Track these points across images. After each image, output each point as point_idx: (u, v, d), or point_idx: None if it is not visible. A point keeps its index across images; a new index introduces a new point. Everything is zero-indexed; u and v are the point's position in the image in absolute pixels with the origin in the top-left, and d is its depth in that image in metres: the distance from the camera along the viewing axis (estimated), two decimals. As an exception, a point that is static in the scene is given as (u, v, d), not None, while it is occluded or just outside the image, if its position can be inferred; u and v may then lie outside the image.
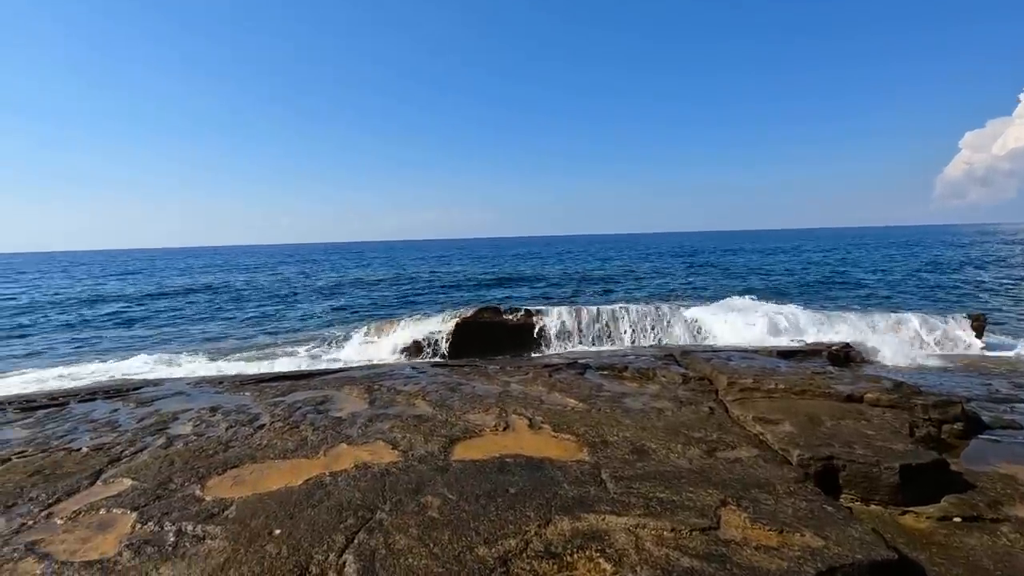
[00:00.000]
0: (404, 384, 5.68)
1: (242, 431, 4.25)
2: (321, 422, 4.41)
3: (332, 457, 3.66)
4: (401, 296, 24.74)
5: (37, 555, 2.52)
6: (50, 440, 4.24)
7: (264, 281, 35.06)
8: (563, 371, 6.21)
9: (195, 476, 3.37)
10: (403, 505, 2.86)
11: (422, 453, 3.64)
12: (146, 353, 12.12)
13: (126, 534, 2.69)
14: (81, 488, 3.27)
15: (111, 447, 4.00)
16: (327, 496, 3.01)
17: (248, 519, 2.77)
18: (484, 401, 4.87)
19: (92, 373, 10.34)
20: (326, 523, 2.69)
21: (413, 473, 3.30)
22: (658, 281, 28.12)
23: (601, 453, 3.56)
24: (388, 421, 4.36)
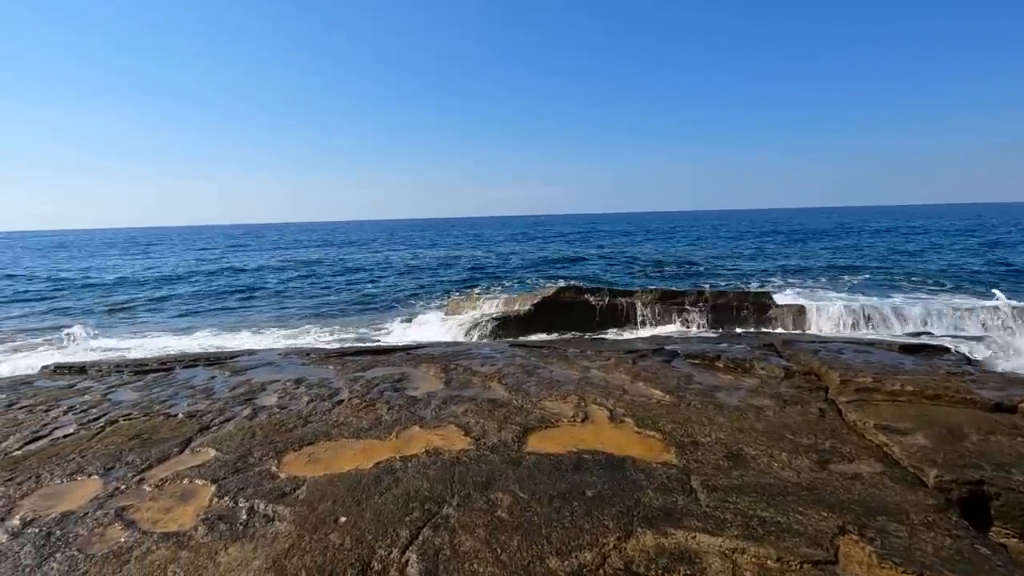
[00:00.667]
0: (481, 365, 5.54)
1: (321, 406, 4.29)
2: (396, 401, 4.37)
3: (404, 440, 3.57)
4: (482, 273, 24.93)
5: (124, 522, 2.61)
6: (153, 404, 4.52)
7: (353, 256, 36.80)
8: (648, 358, 5.80)
9: (273, 451, 3.41)
10: (472, 501, 2.68)
11: (495, 442, 3.46)
12: (245, 324, 13.04)
13: (203, 507, 2.73)
14: (171, 455, 3.41)
15: (203, 415, 4.18)
16: (395, 483, 2.90)
17: (316, 502, 2.71)
18: (562, 387, 4.61)
19: (200, 339, 11.25)
20: (392, 514, 2.57)
21: (484, 464, 3.12)
22: (750, 263, 26.29)
23: (691, 456, 3.19)
24: (462, 404, 4.23)
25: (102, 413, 4.31)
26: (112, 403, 4.62)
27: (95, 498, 2.87)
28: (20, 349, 11.51)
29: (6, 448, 3.62)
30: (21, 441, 3.73)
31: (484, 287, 19.69)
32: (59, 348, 11.25)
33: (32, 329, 13.80)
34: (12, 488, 3.00)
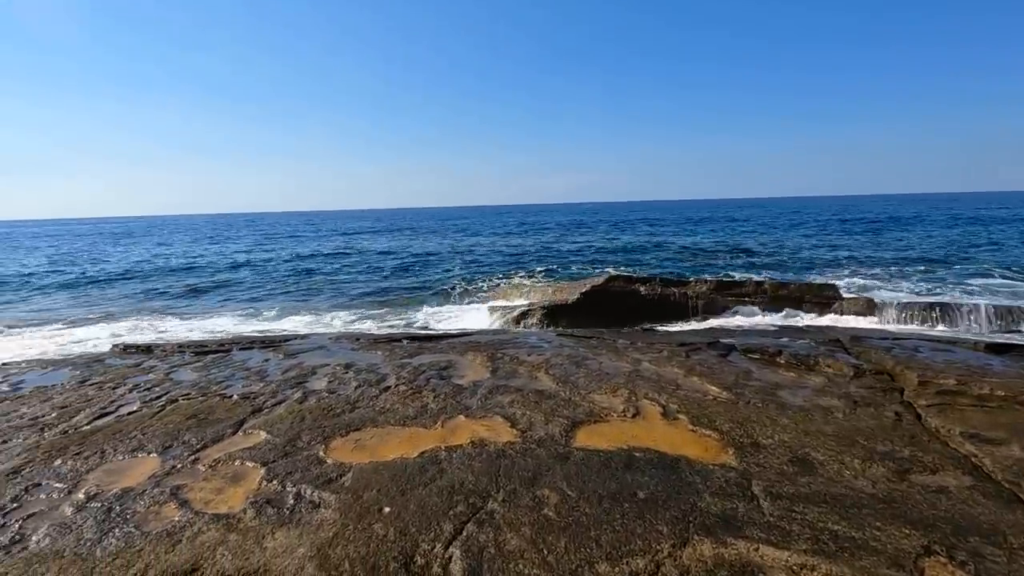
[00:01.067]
0: (528, 354, 5.44)
1: (369, 392, 4.31)
2: (443, 389, 4.33)
3: (449, 429, 3.52)
4: (529, 261, 24.80)
5: (178, 501, 2.67)
6: (210, 385, 4.66)
7: (403, 243, 37.43)
8: (702, 351, 5.54)
9: (321, 436, 3.43)
10: (517, 497, 2.59)
11: (541, 435, 3.35)
12: (299, 308, 13.46)
13: (253, 490, 2.76)
14: (225, 436, 3.49)
15: (256, 397, 4.28)
16: (440, 474, 2.85)
17: (361, 490, 2.69)
18: (612, 380, 4.45)
19: (257, 323, 11.67)
20: (436, 507, 2.51)
21: (531, 458, 3.02)
22: (810, 252, 24.98)
23: (751, 459, 2.98)
24: (509, 394, 4.14)
25: (164, 392, 4.48)
26: (173, 382, 4.81)
27: (153, 476, 2.96)
28: (90, 325, 12.30)
29: (77, 423, 3.81)
30: (90, 417, 3.92)
31: (531, 275, 19.59)
32: (138, 326, 11.95)
33: (107, 311, 14.71)
34: (79, 462, 3.14)
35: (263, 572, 2.11)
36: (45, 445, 3.42)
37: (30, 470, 3.07)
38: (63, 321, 13.08)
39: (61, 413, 4.03)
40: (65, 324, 12.60)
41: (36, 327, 12.29)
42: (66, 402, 4.31)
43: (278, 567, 2.13)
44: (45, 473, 3.03)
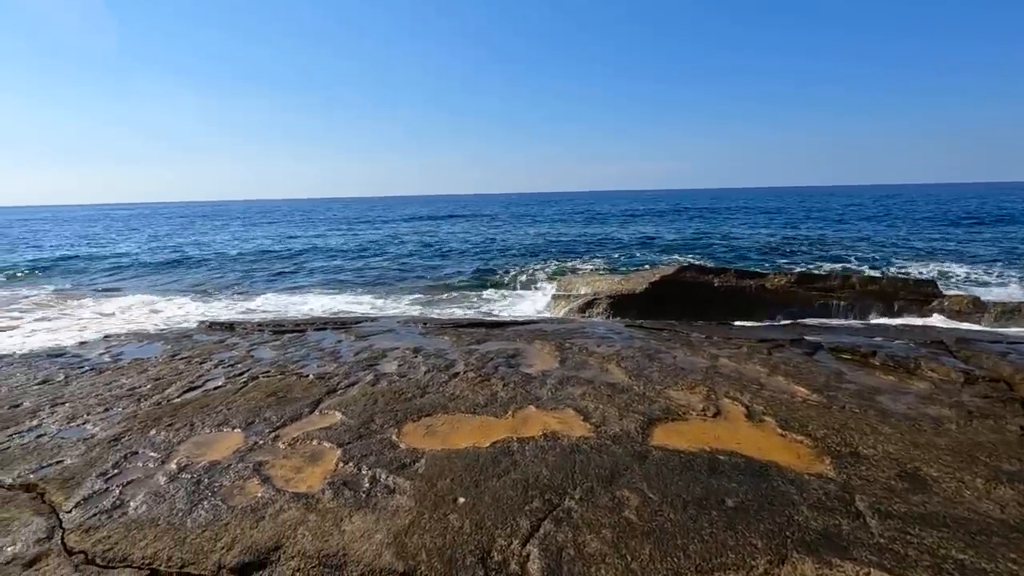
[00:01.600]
0: (597, 345, 5.29)
1: (438, 377, 4.31)
2: (511, 377, 4.26)
3: (520, 420, 3.45)
4: (595, 248, 24.38)
5: (261, 477, 2.74)
6: (288, 364, 4.83)
7: (468, 229, 37.81)
8: (785, 348, 5.19)
9: (393, 419, 3.45)
10: (595, 496, 2.48)
11: (616, 431, 3.22)
12: (369, 291, 13.85)
13: (330, 471, 2.80)
14: (302, 415, 3.58)
15: (330, 377, 4.38)
16: (513, 466, 2.78)
17: (435, 478, 2.66)
18: (688, 376, 4.23)
19: (331, 304, 12.09)
20: (511, 501, 2.44)
21: (606, 455, 2.90)
22: (902, 246, 23.10)
23: (852, 470, 2.72)
24: (580, 386, 4.02)
25: (246, 369, 4.68)
26: (254, 360, 5.02)
27: (237, 451, 3.07)
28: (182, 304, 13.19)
29: (169, 395, 4.03)
30: (180, 390, 4.14)
31: (597, 263, 19.26)
32: (224, 304, 12.72)
33: (197, 289, 15.73)
34: (172, 434, 3.31)
35: (342, 556, 2.11)
36: (141, 415, 3.63)
37: (128, 438, 3.26)
38: (159, 297, 14.09)
39: (155, 385, 4.28)
40: (160, 299, 13.57)
41: (133, 301, 13.33)
42: (159, 374, 4.59)
43: (356, 552, 2.12)
44: (141, 442, 3.21)
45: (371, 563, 2.06)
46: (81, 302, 12.61)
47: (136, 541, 2.23)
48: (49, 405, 3.88)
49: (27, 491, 2.71)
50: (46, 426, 3.50)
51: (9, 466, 2.95)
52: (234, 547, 2.18)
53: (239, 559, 2.11)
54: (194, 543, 2.21)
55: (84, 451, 3.11)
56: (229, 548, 2.17)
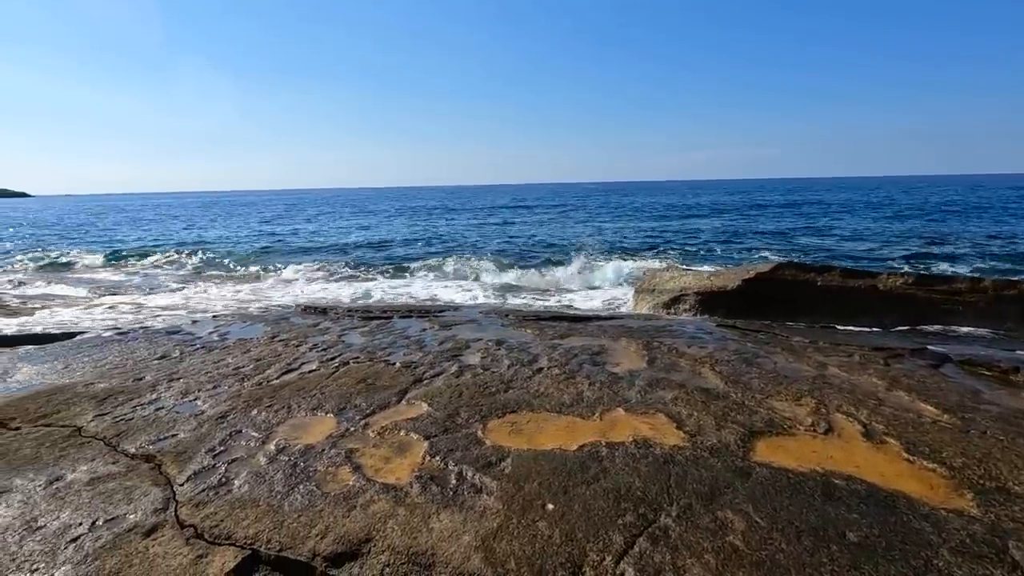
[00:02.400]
0: (687, 345, 5.00)
1: (522, 372, 4.25)
2: (597, 376, 4.11)
3: (608, 422, 3.30)
4: (681, 241, 23.43)
5: (352, 465, 2.79)
6: (376, 351, 4.95)
7: (546, 219, 37.62)
8: (906, 359, 4.64)
9: (478, 414, 3.41)
10: (694, 514, 2.29)
11: (713, 442, 2.99)
12: (446, 280, 14.11)
13: (417, 464, 2.80)
14: (390, 404, 3.63)
15: (416, 366, 4.44)
16: (603, 473, 2.65)
17: (522, 480, 2.59)
18: (792, 385, 3.88)
19: (412, 291, 12.44)
20: (602, 512, 2.32)
21: (704, 468, 2.69)
22: None
23: (1001, 509, 2.35)
24: (671, 390, 3.80)
25: (337, 354, 4.85)
26: (345, 345, 5.20)
27: (330, 436, 3.16)
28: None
29: (268, 376, 4.25)
30: (279, 372, 4.36)
31: (681, 257, 18.51)
32: (318, 288, 13.48)
33: (300, 270, 16.74)
34: (271, 415, 3.47)
35: (430, 555, 2.08)
36: (244, 394, 3.85)
37: (233, 417, 3.46)
38: (265, 278, 15.16)
39: (256, 365, 4.54)
40: (264, 282, 14.60)
41: (240, 282, 14.44)
42: (260, 355, 4.86)
43: (444, 552, 2.09)
44: (244, 421, 3.39)
45: (459, 566, 2.02)
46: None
47: (239, 520, 2.33)
48: (166, 380, 4.22)
49: (147, 461, 2.93)
50: (163, 400, 3.80)
51: (132, 436, 3.22)
52: (327, 535, 2.22)
53: (332, 548, 2.14)
54: (291, 527, 2.28)
55: (195, 426, 3.33)
56: (323, 536, 2.21)
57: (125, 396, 3.88)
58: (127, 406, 3.70)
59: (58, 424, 3.46)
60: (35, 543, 2.24)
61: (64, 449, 3.08)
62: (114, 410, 3.63)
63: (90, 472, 2.81)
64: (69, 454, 3.03)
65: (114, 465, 2.90)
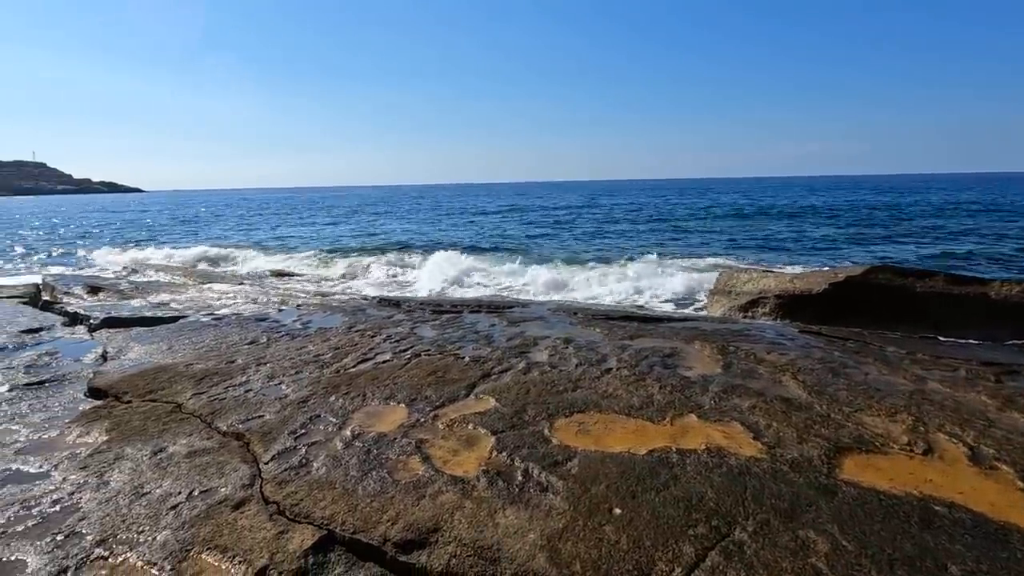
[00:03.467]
0: (767, 351, 4.74)
1: (590, 372, 4.19)
2: (668, 379, 3.99)
3: (679, 428, 3.19)
4: (758, 240, 22.28)
5: (422, 455, 2.87)
6: (446, 344, 5.06)
7: (614, 213, 36.95)
8: (1022, 376, 4.17)
9: (545, 412, 3.41)
10: (772, 531, 2.17)
11: (794, 456, 2.82)
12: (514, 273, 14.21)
13: (484, 458, 2.84)
14: (459, 397, 3.70)
15: (484, 361, 4.49)
16: (673, 480, 2.56)
17: (589, 482, 2.56)
18: (886, 399, 3.58)
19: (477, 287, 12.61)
20: (672, 521, 2.24)
21: (783, 483, 2.54)
22: None
23: None
24: (748, 398, 3.62)
25: (409, 346, 5.00)
26: (416, 337, 5.35)
27: (401, 425, 3.26)
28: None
29: (346, 364, 4.45)
30: (355, 360, 4.55)
31: (758, 257, 17.59)
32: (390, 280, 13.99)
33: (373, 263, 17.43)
34: (347, 401, 3.63)
35: (496, 550, 2.10)
36: (324, 381, 4.05)
37: (313, 402, 3.65)
38: (346, 269, 15.93)
39: (335, 354, 4.77)
40: (346, 273, 15.34)
41: (320, 274, 15.26)
42: (338, 344, 5.10)
43: (510, 549, 2.10)
44: (323, 406, 3.57)
45: (524, 564, 2.02)
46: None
47: (317, 500, 2.46)
48: (254, 364, 4.52)
49: (237, 439, 3.15)
50: (252, 383, 4.07)
51: (225, 415, 3.47)
52: (398, 521, 2.29)
53: (402, 535, 2.21)
54: (364, 511, 2.37)
55: (279, 409, 3.54)
56: (394, 522, 2.29)
57: (219, 377, 4.20)
58: (220, 387, 4.00)
59: (162, 400, 3.79)
60: (141, 507, 2.47)
61: (167, 423, 3.38)
62: (209, 390, 3.93)
63: (188, 446, 3.06)
64: (171, 428, 3.32)
65: (208, 441, 3.14)
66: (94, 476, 2.76)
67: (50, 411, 3.63)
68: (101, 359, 4.84)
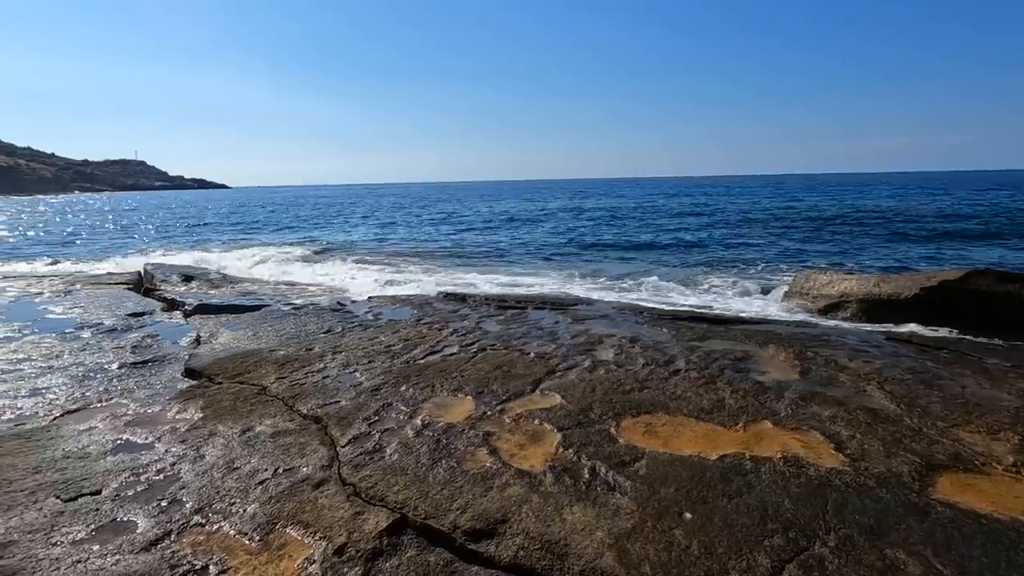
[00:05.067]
0: (849, 358, 4.47)
1: (657, 372, 4.11)
2: (741, 384, 3.85)
3: (753, 434, 3.08)
4: (839, 242, 20.92)
5: (489, 448, 2.93)
6: (511, 339, 5.11)
7: (692, 211, 35.82)
8: None
9: (611, 411, 3.38)
10: (856, 547, 2.06)
11: (881, 471, 2.65)
12: (581, 270, 14.09)
13: (550, 454, 2.85)
14: (525, 393, 3.73)
15: (549, 358, 4.50)
16: (747, 488, 2.48)
17: (658, 484, 2.52)
18: (987, 415, 3.29)
19: (546, 284, 12.62)
20: (746, 530, 2.17)
21: (868, 498, 2.40)
22: None
23: None
24: (828, 406, 3.43)
25: (475, 340, 5.09)
26: (482, 332, 5.44)
27: (469, 417, 3.34)
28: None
29: (415, 356, 4.59)
30: (424, 352, 4.69)
31: (837, 260, 16.55)
32: (454, 278, 14.28)
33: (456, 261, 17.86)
34: (417, 391, 3.76)
35: (563, 545, 2.12)
36: (395, 371, 4.20)
37: (385, 391, 3.80)
38: (419, 265, 16.43)
39: (404, 345, 4.93)
40: (414, 269, 15.82)
41: (392, 269, 15.79)
42: (408, 336, 5.27)
43: (577, 545, 2.11)
44: (394, 395, 3.70)
45: (592, 561, 2.02)
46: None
47: (391, 485, 2.57)
48: (331, 352, 4.76)
49: (316, 422, 3.34)
50: (328, 369, 4.29)
51: (305, 399, 3.68)
52: (467, 511, 2.35)
53: (471, 524, 2.27)
54: (434, 499, 2.45)
55: (354, 396, 3.71)
56: (463, 511, 2.35)
57: (299, 363, 4.45)
58: (300, 372, 4.24)
59: (249, 383, 4.07)
60: (232, 481, 2.67)
61: (253, 405, 3.63)
62: (290, 375, 4.18)
63: (273, 426, 3.28)
64: (257, 409, 3.56)
65: (290, 423, 3.34)
66: (191, 449, 3.00)
67: (153, 388, 3.98)
68: (195, 343, 5.25)
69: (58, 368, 4.38)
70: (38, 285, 8.67)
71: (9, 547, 2.17)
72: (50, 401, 3.71)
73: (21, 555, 2.12)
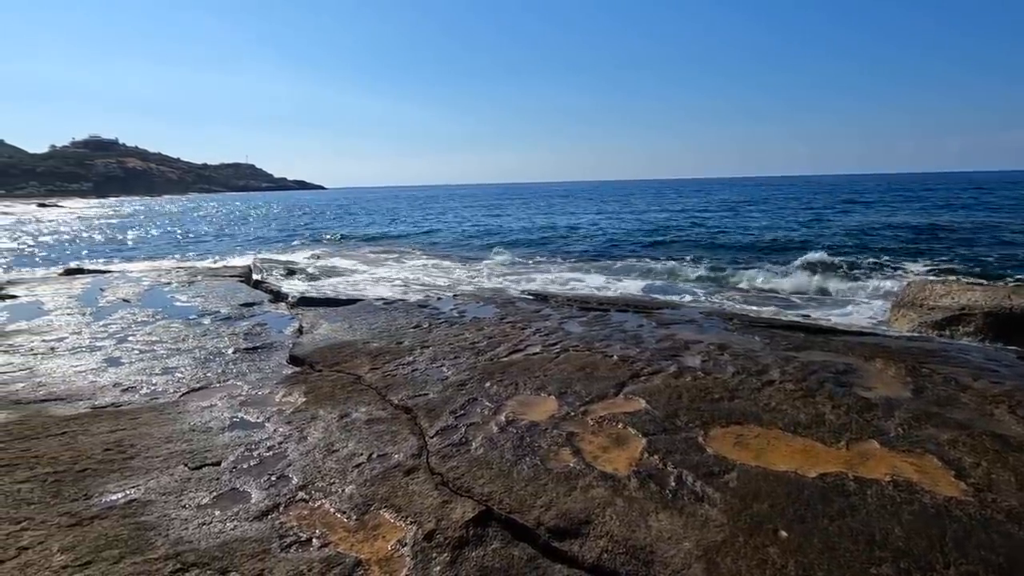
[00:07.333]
0: (972, 377, 4.03)
1: (749, 381, 3.93)
2: (843, 399, 3.59)
3: (857, 454, 2.86)
4: (948, 246, 18.79)
5: (572, 448, 2.93)
6: (593, 341, 5.08)
7: (779, 215, 33.72)
8: None
9: (699, 419, 3.27)
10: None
11: (1013, 505, 2.37)
12: (660, 273, 13.67)
13: (635, 459, 2.82)
14: (608, 395, 3.70)
15: (633, 361, 4.43)
16: (850, 511, 2.31)
17: (750, 498, 2.41)
18: None
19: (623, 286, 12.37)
20: (849, 554, 2.03)
21: (997, 534, 2.16)
22: None
23: None
24: (946, 429, 3.12)
25: (558, 340, 5.11)
26: (564, 332, 5.45)
27: (552, 416, 3.36)
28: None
29: (499, 354, 4.69)
30: (508, 350, 4.77)
31: (954, 266, 14.87)
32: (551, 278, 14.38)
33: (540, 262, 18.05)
34: (502, 388, 3.84)
35: (649, 552, 2.09)
36: (479, 367, 4.32)
37: (470, 386, 3.91)
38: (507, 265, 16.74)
39: (489, 343, 5.05)
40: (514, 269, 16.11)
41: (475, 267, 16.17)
42: (492, 334, 5.39)
43: (663, 553, 2.07)
44: (479, 391, 3.81)
45: (679, 571, 1.98)
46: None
47: (477, 478, 2.65)
48: (419, 346, 4.96)
49: (406, 412, 3.50)
50: (417, 363, 4.48)
51: (396, 390, 3.87)
52: (551, 509, 2.38)
53: (555, 522, 2.29)
54: (518, 494, 2.50)
55: (441, 389, 3.86)
56: (547, 508, 2.38)
57: (390, 356, 4.69)
58: (392, 364, 4.46)
59: (345, 371, 4.34)
60: (332, 462, 2.87)
61: (350, 392, 3.87)
62: (383, 366, 4.41)
63: (367, 414, 3.48)
64: (353, 396, 3.79)
65: (383, 411, 3.53)
66: (296, 431, 3.26)
67: (263, 372, 4.36)
68: (298, 332, 5.68)
69: (184, 350, 4.91)
70: (167, 276, 9.73)
71: (148, 506, 2.47)
72: (178, 379, 4.17)
73: (158, 513, 2.41)
